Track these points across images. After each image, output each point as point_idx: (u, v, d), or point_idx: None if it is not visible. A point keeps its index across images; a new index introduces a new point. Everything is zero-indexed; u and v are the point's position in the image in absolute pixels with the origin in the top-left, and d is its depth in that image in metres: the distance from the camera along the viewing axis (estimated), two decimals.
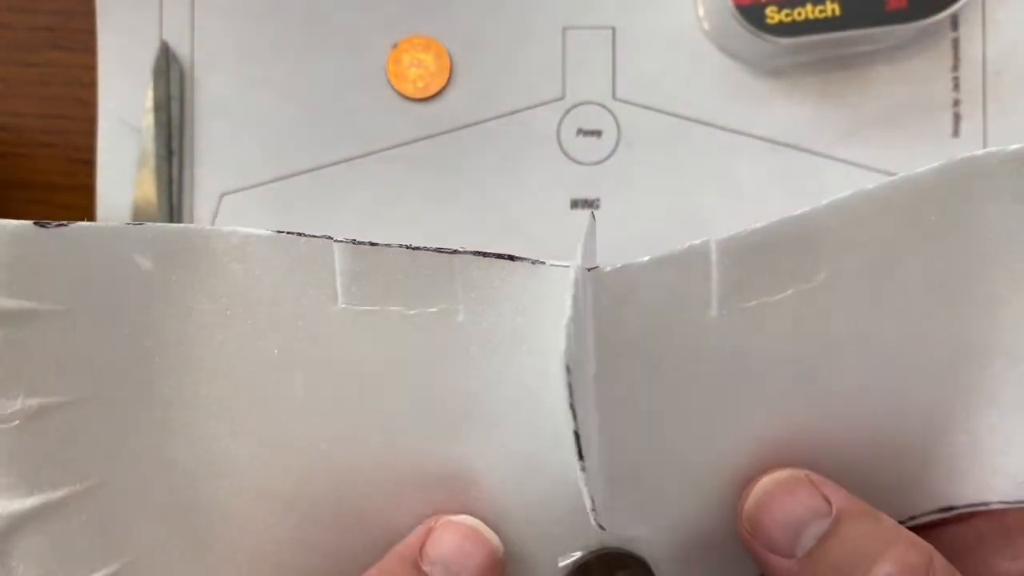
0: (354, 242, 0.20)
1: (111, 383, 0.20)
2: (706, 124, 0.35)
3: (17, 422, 0.19)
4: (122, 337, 0.20)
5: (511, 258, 0.20)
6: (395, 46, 0.36)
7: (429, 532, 0.21)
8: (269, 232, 0.20)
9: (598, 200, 0.36)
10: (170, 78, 0.36)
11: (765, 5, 0.32)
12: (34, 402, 0.19)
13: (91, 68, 0.36)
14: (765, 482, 0.21)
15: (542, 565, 0.22)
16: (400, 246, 0.20)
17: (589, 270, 0.20)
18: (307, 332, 0.20)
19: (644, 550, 0.22)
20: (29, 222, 0.19)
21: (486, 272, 0.20)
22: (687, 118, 0.35)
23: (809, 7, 0.32)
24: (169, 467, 0.21)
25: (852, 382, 0.21)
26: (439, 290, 0.20)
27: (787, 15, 0.32)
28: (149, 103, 0.35)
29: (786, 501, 0.21)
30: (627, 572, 0.21)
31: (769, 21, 0.32)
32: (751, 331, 0.21)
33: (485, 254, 0.20)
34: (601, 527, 0.20)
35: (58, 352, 0.19)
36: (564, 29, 0.36)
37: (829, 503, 0.20)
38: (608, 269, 0.20)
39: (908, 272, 0.21)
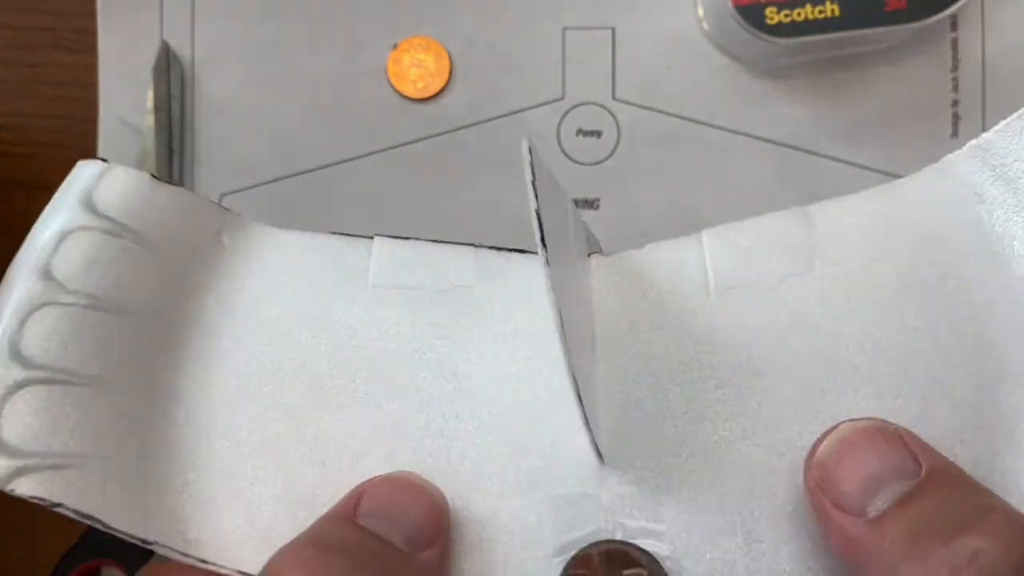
0: (392, 237, 0.23)
1: (160, 310, 0.22)
2: (706, 124, 0.36)
3: (73, 306, 0.21)
4: (187, 284, 0.23)
5: (522, 252, 0.23)
6: (395, 46, 0.36)
7: (363, 492, 0.20)
8: (324, 233, 0.24)
9: (598, 200, 0.36)
10: (171, 78, 0.36)
11: (765, 5, 0.32)
12: (90, 292, 0.21)
13: (92, 68, 0.36)
14: (845, 428, 0.18)
15: (535, 556, 0.20)
16: (428, 240, 0.23)
17: (590, 255, 0.22)
18: (339, 305, 0.22)
19: (653, 545, 0.20)
20: (146, 173, 0.23)
21: (503, 259, 0.23)
22: (687, 118, 0.36)
23: (809, 8, 0.32)
24: (177, 396, 0.22)
25: (860, 392, 0.20)
26: (459, 273, 0.23)
27: (787, 15, 0.32)
28: (150, 103, 0.35)
29: (867, 452, 0.18)
30: (634, 571, 0.20)
31: (769, 21, 0.32)
32: (749, 313, 0.21)
33: (500, 248, 0.23)
34: (602, 459, 0.19)
35: (132, 270, 0.22)
36: (564, 29, 0.36)
37: (919, 464, 0.17)
38: (610, 255, 0.22)
39: (893, 281, 0.21)
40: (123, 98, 0.36)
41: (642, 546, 0.20)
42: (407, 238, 0.23)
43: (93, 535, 0.35)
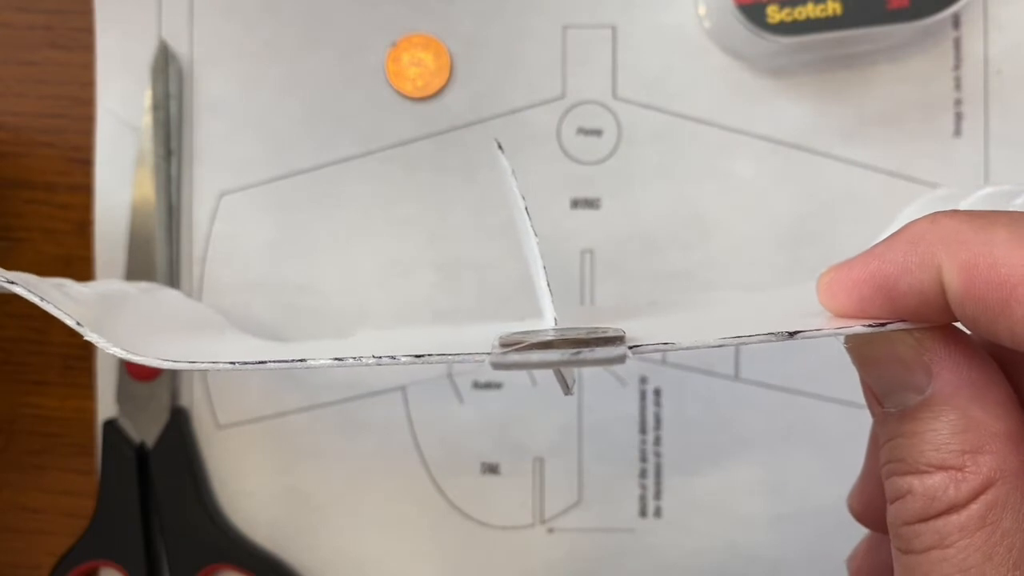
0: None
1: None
2: (707, 123, 0.35)
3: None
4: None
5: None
6: (394, 45, 0.36)
7: None
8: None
9: (598, 199, 0.35)
10: (169, 77, 0.35)
11: (766, 4, 0.32)
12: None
13: (89, 67, 0.36)
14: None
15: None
16: None
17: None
18: None
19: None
20: None
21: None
22: (688, 117, 0.35)
23: (810, 6, 0.32)
24: None
25: None
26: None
27: (788, 14, 0.32)
28: (148, 102, 0.35)
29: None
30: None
31: (770, 20, 0.32)
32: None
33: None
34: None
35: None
36: (564, 28, 0.35)
37: None
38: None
39: None
40: (121, 97, 0.36)
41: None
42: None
43: (93, 536, 0.35)
